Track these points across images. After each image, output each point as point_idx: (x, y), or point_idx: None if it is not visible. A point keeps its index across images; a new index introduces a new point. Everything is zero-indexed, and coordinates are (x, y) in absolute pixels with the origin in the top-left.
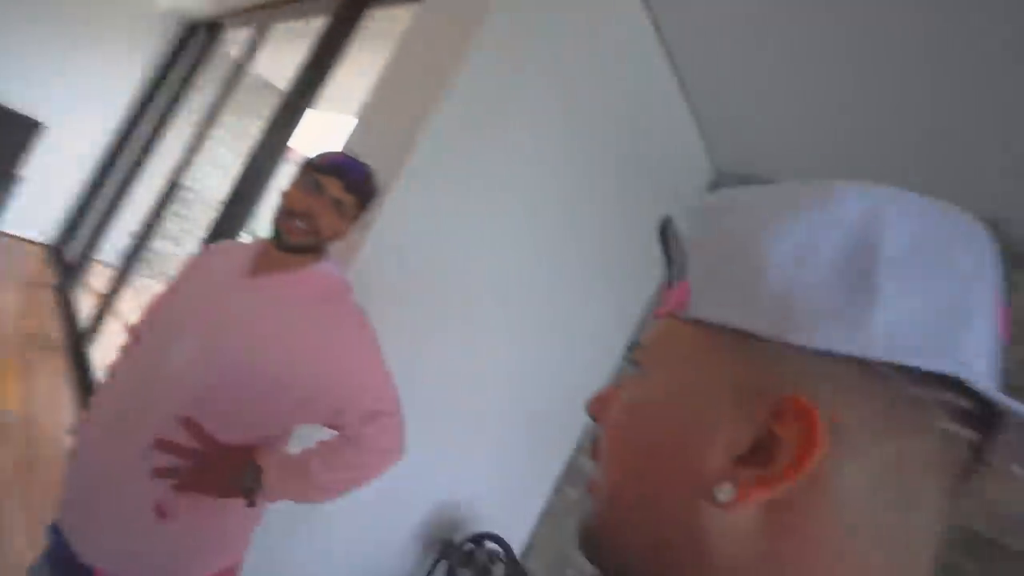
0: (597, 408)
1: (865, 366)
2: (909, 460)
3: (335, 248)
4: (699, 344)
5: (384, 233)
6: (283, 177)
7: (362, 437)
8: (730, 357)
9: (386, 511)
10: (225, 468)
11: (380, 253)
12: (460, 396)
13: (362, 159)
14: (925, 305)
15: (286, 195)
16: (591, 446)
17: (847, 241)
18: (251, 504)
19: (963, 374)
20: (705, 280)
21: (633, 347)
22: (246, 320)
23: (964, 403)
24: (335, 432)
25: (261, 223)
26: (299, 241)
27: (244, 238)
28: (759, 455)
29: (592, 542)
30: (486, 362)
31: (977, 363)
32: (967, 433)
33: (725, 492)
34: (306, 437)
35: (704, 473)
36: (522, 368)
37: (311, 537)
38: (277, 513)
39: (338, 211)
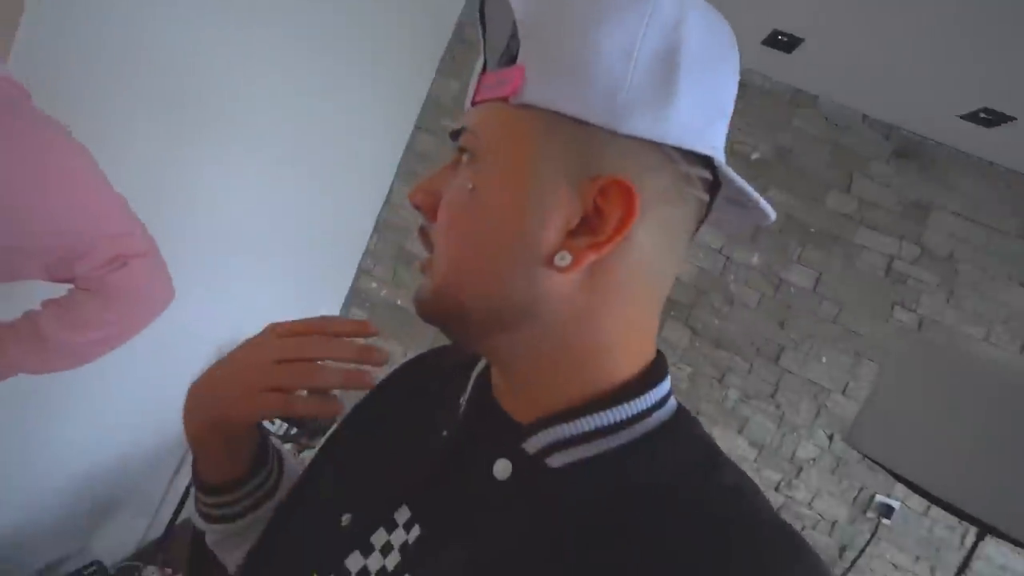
0: (425, 199)
1: (659, 149)
2: (677, 221)
3: None
4: (534, 130)
5: (51, 6)
6: None
7: (108, 287)
8: (563, 142)
9: (161, 365)
10: None
11: (54, 39)
12: (226, 225)
13: None
14: (702, 102)
15: None
16: (420, 234)
17: (662, 42)
18: None
19: (717, 157)
20: (539, 67)
21: (459, 133)
22: None
23: (707, 175)
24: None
25: None
26: None
27: None
28: (585, 226)
29: (434, 310)
30: (250, 181)
31: (720, 147)
32: (706, 198)
33: (564, 258)
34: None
35: (544, 246)
36: (293, 188)
37: (71, 406)
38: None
39: None
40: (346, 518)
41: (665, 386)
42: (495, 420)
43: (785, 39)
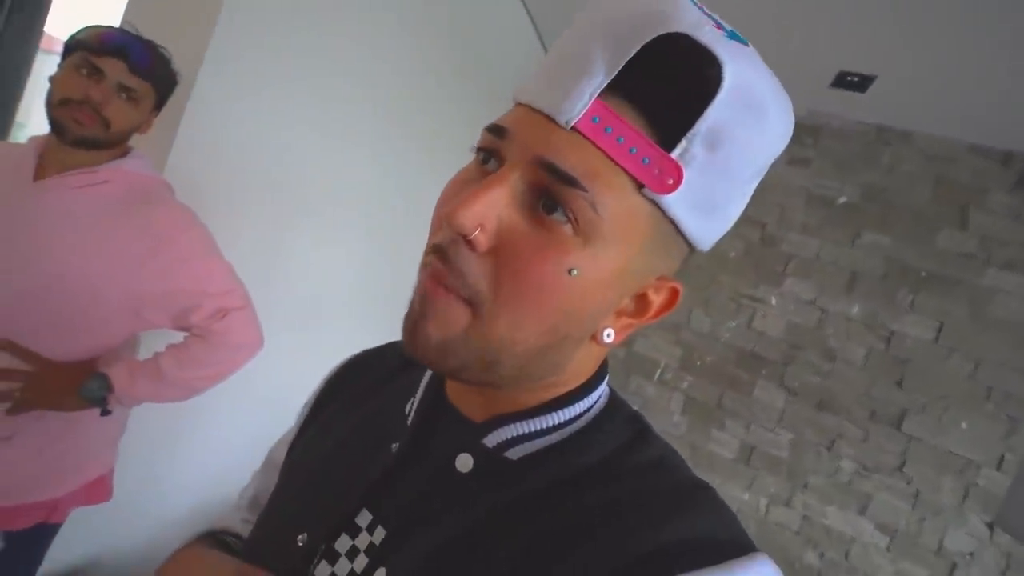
0: (484, 237)
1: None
2: None
3: (143, 146)
4: (649, 229)
5: (197, 125)
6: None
7: (212, 334)
8: (661, 247)
9: (265, 414)
10: (58, 383)
11: (197, 149)
12: (322, 293)
13: (146, 36)
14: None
15: (57, 81)
16: (441, 258)
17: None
18: (105, 413)
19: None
20: (693, 184)
21: (570, 182)
22: (39, 229)
23: None
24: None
25: (26, 130)
26: (86, 133)
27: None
28: (627, 308)
29: (458, 360)
30: (340, 254)
31: None
32: None
33: (610, 336)
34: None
35: (601, 324)
36: (377, 258)
37: (191, 441)
38: (145, 423)
39: (128, 99)
40: (301, 537)
41: (603, 384)
42: (449, 419)
43: (855, 79)
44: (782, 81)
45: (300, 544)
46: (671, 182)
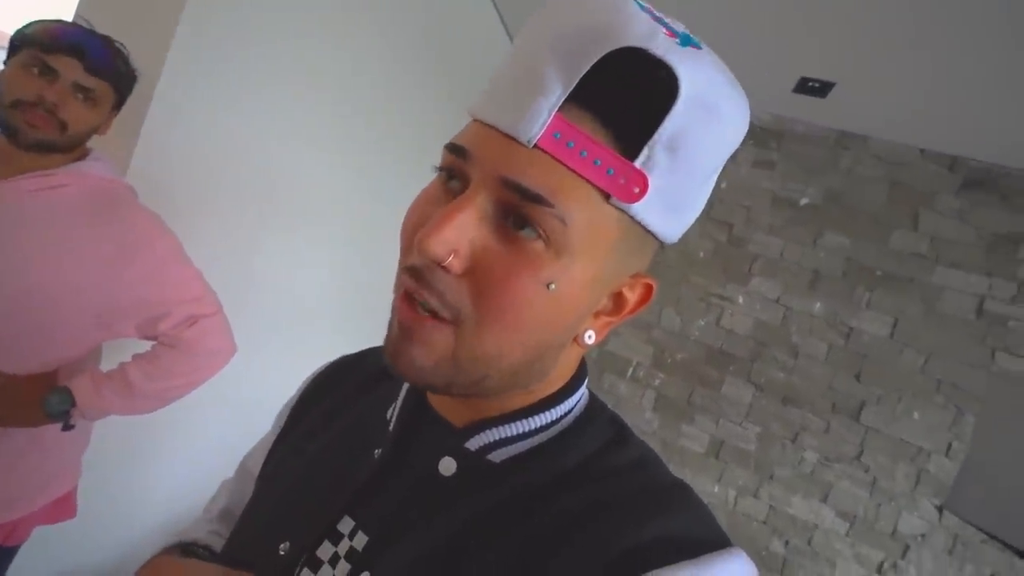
0: (459, 262)
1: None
2: None
3: (104, 147)
4: (619, 233)
5: (161, 124)
6: None
7: (183, 342)
8: (633, 247)
9: (243, 420)
10: (20, 398)
11: (162, 150)
12: (296, 295)
13: (102, 31)
14: None
15: (5, 80)
16: (418, 281)
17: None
18: (67, 427)
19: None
20: (660, 188)
21: (536, 200)
22: None
23: None
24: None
25: None
26: (41, 136)
27: None
28: (605, 307)
29: (450, 381)
30: (312, 258)
31: None
32: None
33: (591, 337)
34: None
35: (580, 326)
36: (351, 261)
37: (159, 452)
38: (111, 435)
39: (86, 100)
40: (284, 546)
41: (583, 386)
42: (431, 424)
43: (816, 85)
44: (746, 87)
45: (282, 553)
46: (637, 191)
